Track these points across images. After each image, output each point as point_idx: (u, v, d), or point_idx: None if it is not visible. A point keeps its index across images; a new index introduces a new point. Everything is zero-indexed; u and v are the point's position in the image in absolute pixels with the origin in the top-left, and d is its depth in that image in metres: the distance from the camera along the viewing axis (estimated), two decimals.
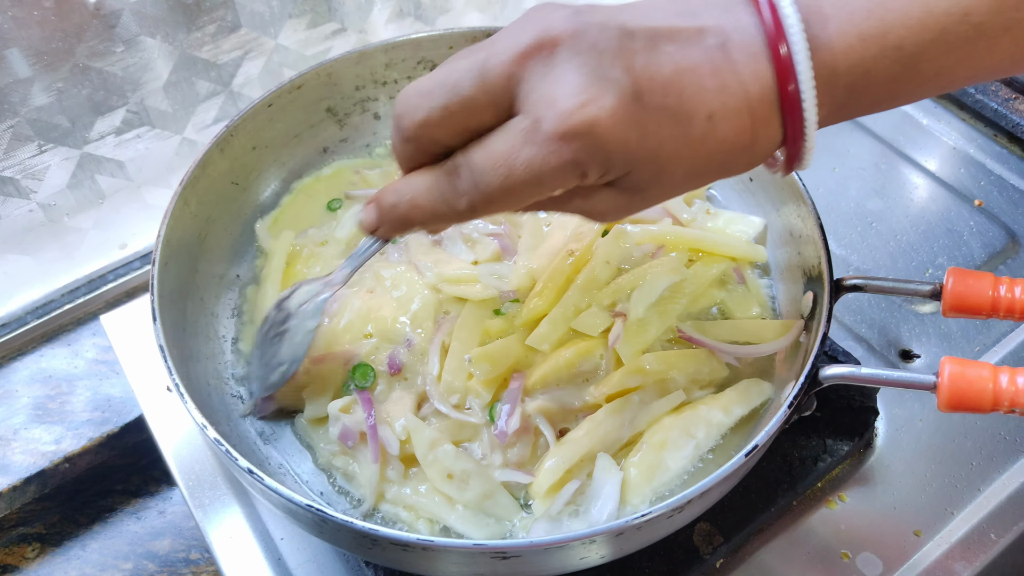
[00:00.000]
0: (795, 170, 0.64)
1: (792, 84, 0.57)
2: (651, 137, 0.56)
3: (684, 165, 0.59)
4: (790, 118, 0.58)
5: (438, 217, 0.61)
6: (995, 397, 0.67)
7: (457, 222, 0.62)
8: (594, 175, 0.58)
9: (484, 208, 0.59)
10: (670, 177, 0.59)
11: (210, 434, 0.69)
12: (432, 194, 0.60)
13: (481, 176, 0.57)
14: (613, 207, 0.63)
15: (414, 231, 0.65)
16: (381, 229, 0.65)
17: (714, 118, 0.57)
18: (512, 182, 0.57)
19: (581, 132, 0.54)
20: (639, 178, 0.59)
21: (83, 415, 1.06)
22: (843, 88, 0.59)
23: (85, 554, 1.07)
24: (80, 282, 1.14)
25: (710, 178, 0.62)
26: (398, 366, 0.84)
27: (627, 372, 0.81)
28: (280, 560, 0.86)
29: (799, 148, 0.61)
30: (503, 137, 0.57)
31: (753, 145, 0.60)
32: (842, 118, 0.63)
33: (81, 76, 0.99)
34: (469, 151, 0.58)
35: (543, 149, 0.55)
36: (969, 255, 1.11)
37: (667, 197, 0.63)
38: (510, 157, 0.56)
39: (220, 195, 0.94)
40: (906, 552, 0.86)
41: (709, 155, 0.59)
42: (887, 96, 0.61)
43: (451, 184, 0.59)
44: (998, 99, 1.23)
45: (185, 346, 0.83)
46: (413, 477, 0.80)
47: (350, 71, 1.01)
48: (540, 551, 0.66)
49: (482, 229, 0.93)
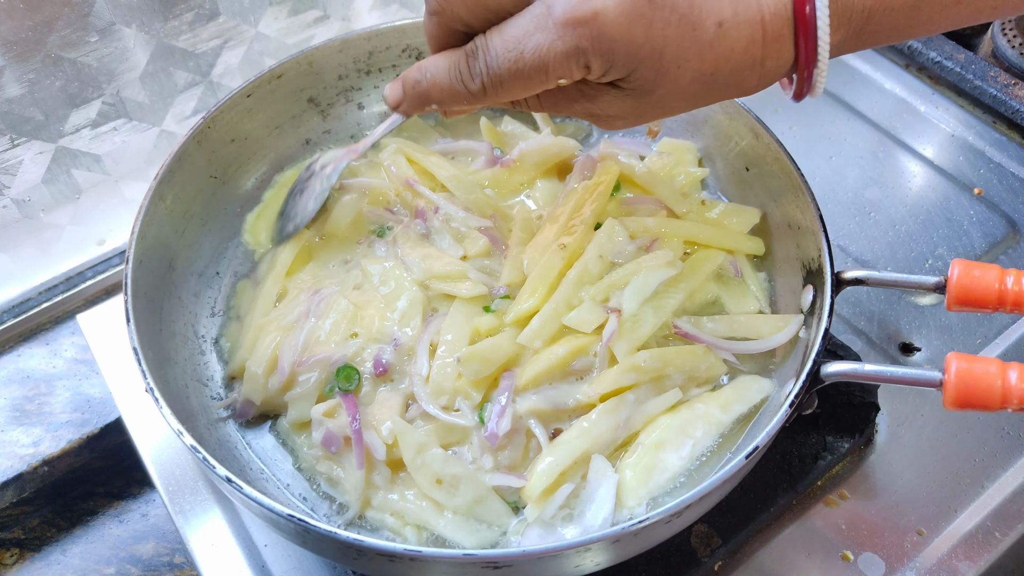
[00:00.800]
0: (807, 95, 0.63)
1: (808, 6, 0.58)
2: (657, 35, 0.58)
3: (690, 69, 0.60)
4: (804, 39, 0.59)
5: (454, 96, 0.65)
6: (1004, 394, 0.65)
7: (471, 104, 0.65)
8: (598, 67, 0.60)
9: (495, 90, 0.62)
10: (675, 81, 0.60)
11: (187, 440, 0.67)
12: (451, 73, 0.64)
13: (494, 58, 0.61)
14: (620, 110, 0.64)
15: (432, 109, 0.69)
16: (404, 104, 0.69)
17: (724, 25, 0.58)
18: (521, 66, 0.60)
19: (586, 20, 0.57)
20: (644, 77, 0.60)
21: (62, 416, 1.04)
22: (860, 12, 0.59)
23: (66, 559, 1.04)
24: (57, 280, 1.11)
25: (718, 93, 0.63)
26: (384, 367, 0.81)
27: (622, 370, 0.79)
28: (264, 567, 0.83)
29: (811, 72, 0.61)
30: (518, 22, 0.60)
31: (764, 61, 0.60)
32: (860, 46, 0.63)
33: (54, 67, 0.96)
34: (488, 34, 0.62)
35: (550, 35, 0.58)
36: (969, 245, 1.09)
37: (674, 107, 0.64)
38: (521, 41, 0.60)
39: (198, 189, 0.91)
40: (908, 551, 0.85)
41: (716, 62, 0.60)
42: (906, 23, 0.61)
43: (467, 64, 0.63)
44: (997, 85, 1.21)
45: (162, 347, 0.80)
46: (400, 482, 0.77)
47: (332, 60, 0.98)
48: (533, 560, 0.63)
49: (471, 223, 0.91)
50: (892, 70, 1.29)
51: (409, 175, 0.96)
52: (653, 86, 0.61)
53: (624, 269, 0.84)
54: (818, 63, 0.60)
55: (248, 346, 0.85)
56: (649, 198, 0.93)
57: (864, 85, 1.28)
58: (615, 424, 0.77)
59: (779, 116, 1.24)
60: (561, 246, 0.85)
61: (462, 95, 0.65)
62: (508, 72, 0.61)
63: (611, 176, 0.92)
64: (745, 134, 0.93)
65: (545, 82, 0.61)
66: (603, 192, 0.90)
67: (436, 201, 0.93)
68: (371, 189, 0.96)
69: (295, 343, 0.82)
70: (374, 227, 0.93)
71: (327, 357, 0.81)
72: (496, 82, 0.62)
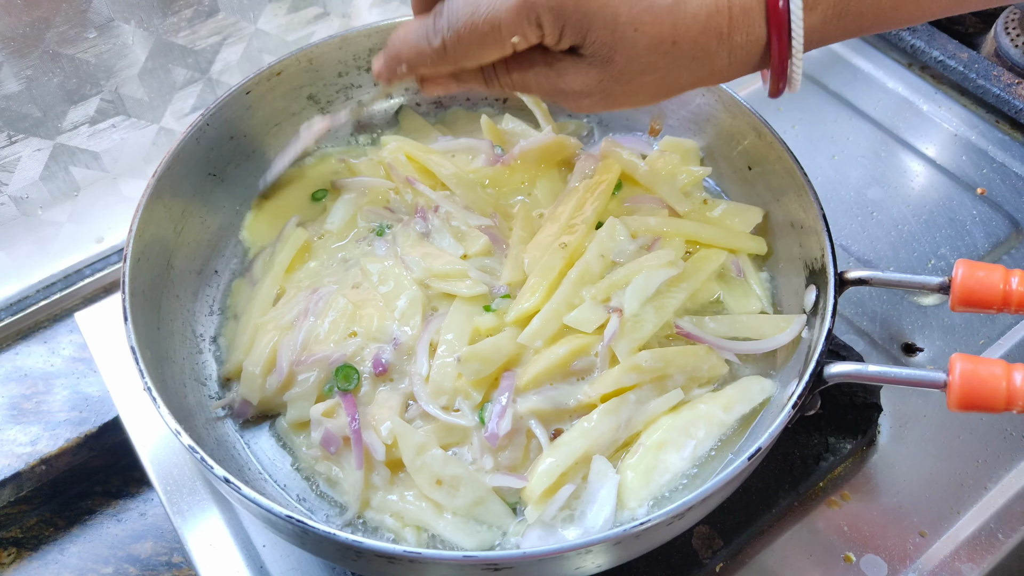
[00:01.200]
0: (784, 89, 0.62)
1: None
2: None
3: (647, 33, 0.59)
4: (773, 14, 0.57)
5: (420, 55, 0.66)
6: (1009, 396, 0.65)
7: (436, 64, 0.66)
8: (550, 24, 0.60)
9: (454, 48, 0.64)
10: (632, 45, 0.60)
11: (184, 440, 0.66)
12: (417, 32, 0.66)
13: (453, 14, 0.62)
14: (584, 84, 0.64)
15: (405, 75, 0.69)
16: (381, 68, 0.71)
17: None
18: (476, 20, 0.61)
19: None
20: (600, 40, 0.60)
21: (60, 415, 1.03)
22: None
23: (64, 558, 1.04)
24: (56, 277, 1.11)
25: (686, 68, 0.62)
26: (384, 366, 0.80)
27: (623, 370, 0.78)
28: (263, 568, 0.83)
29: (785, 54, 0.59)
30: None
31: (731, 35, 0.59)
32: (844, 31, 0.61)
33: (52, 63, 0.95)
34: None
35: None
36: (972, 245, 1.09)
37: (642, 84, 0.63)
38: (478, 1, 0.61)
39: (196, 187, 0.90)
40: (911, 553, 0.84)
41: (676, 28, 0.59)
42: (891, 5, 0.59)
43: (432, 23, 0.65)
44: (1000, 84, 1.20)
45: (160, 346, 0.80)
46: (400, 483, 0.76)
47: (332, 56, 0.98)
48: (534, 562, 0.63)
49: (472, 222, 0.90)
50: (895, 69, 1.28)
51: (409, 173, 0.95)
52: (611, 51, 0.60)
53: (625, 268, 0.84)
54: (792, 46, 0.59)
55: (245, 346, 0.85)
56: (651, 197, 0.93)
57: (866, 84, 1.27)
58: (616, 424, 0.77)
59: (781, 115, 1.24)
60: (562, 245, 0.85)
61: (426, 53, 0.66)
62: (465, 28, 0.62)
63: (612, 175, 0.91)
64: (748, 133, 0.92)
65: (500, 40, 0.62)
66: (604, 191, 0.90)
67: (436, 200, 0.92)
68: (370, 188, 0.95)
69: (294, 342, 0.82)
70: (374, 226, 0.93)
71: (326, 356, 0.80)
72: (455, 40, 0.63)
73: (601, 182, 0.90)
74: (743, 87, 1.28)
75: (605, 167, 0.92)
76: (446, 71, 0.68)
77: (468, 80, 0.70)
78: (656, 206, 0.92)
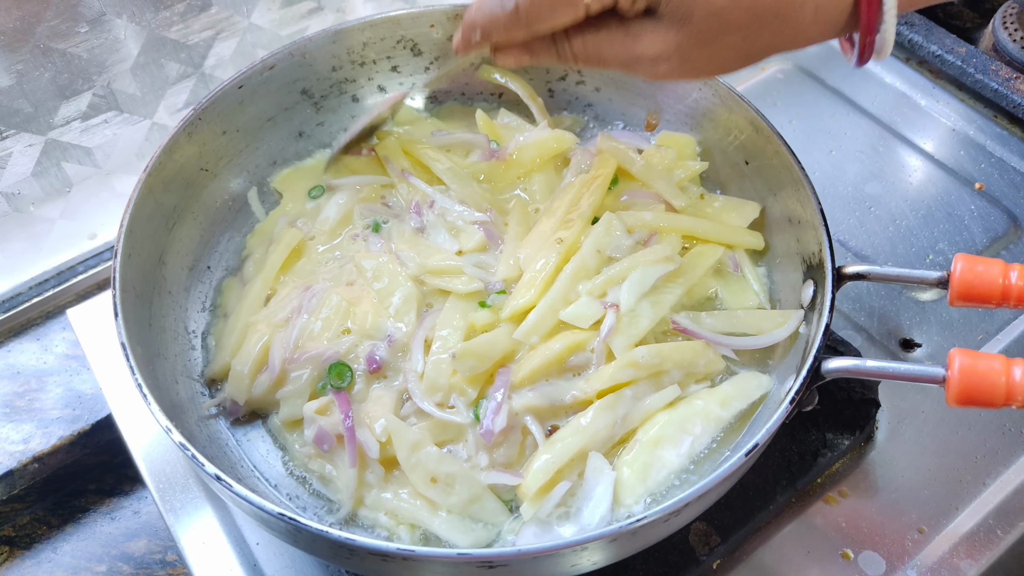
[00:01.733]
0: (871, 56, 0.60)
1: None
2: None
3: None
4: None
5: (494, 20, 0.67)
6: (1008, 391, 0.64)
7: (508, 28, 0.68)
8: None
9: (527, 11, 0.64)
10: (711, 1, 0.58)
11: (175, 437, 0.65)
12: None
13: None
14: (662, 48, 0.62)
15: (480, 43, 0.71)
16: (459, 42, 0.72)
17: None
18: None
19: None
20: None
21: (53, 412, 1.03)
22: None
23: (57, 557, 1.03)
24: (48, 274, 1.10)
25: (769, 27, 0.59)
26: (378, 363, 0.80)
27: (620, 366, 0.78)
28: (256, 566, 0.82)
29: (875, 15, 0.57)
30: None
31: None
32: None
33: (43, 58, 0.94)
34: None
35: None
36: (970, 240, 1.08)
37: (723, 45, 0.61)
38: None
39: (188, 182, 0.89)
40: (909, 550, 0.84)
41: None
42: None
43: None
44: (998, 79, 1.20)
45: (151, 343, 0.79)
46: (394, 480, 0.76)
47: (326, 51, 0.97)
48: (529, 559, 0.62)
49: (467, 217, 0.89)
50: (892, 64, 1.27)
51: (404, 167, 0.94)
52: (689, 8, 0.59)
53: (622, 264, 0.83)
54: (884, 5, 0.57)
55: (233, 347, 0.84)
56: (647, 192, 0.92)
57: (864, 79, 1.26)
58: (612, 421, 0.76)
59: (778, 110, 1.23)
60: (558, 240, 0.84)
61: (499, 19, 0.67)
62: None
63: (608, 169, 0.91)
64: (745, 127, 0.91)
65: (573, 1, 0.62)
66: (600, 186, 0.89)
67: (431, 195, 0.91)
68: (365, 184, 0.94)
69: (287, 340, 0.81)
70: (368, 222, 0.92)
71: (319, 354, 0.80)
72: (528, 2, 0.63)
73: (597, 177, 0.90)
74: (741, 81, 1.27)
75: (601, 162, 0.91)
76: (520, 36, 0.68)
77: (540, 52, 0.70)
78: (653, 201, 0.91)
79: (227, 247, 0.93)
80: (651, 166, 0.93)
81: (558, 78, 1.04)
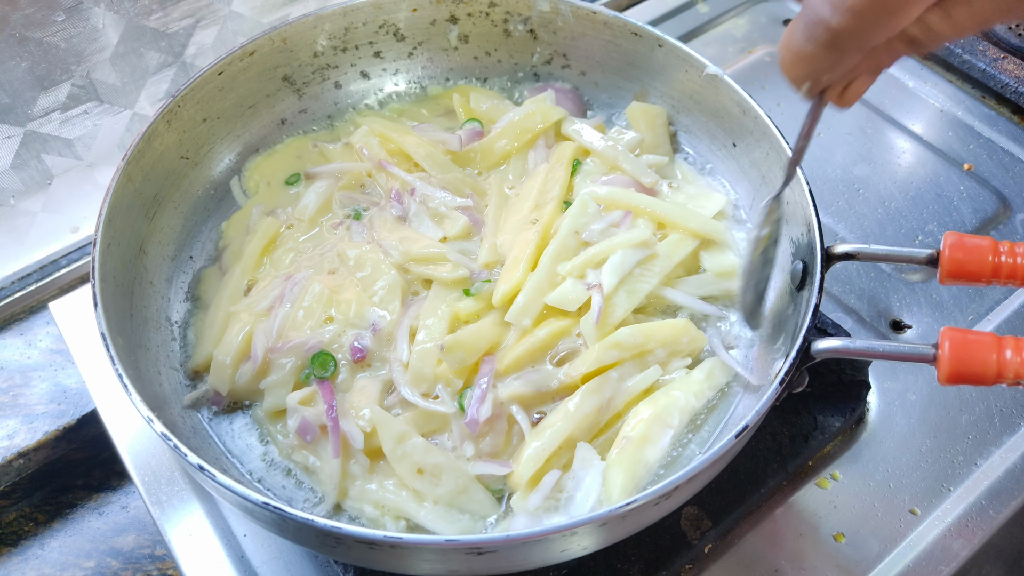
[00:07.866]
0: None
1: None
2: None
3: None
4: None
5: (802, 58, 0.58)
6: (999, 368, 0.63)
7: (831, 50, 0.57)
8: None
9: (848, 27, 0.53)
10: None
11: (157, 428, 0.64)
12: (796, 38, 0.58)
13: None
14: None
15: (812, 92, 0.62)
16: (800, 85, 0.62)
17: None
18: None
19: None
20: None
21: (38, 408, 1.01)
22: None
23: (44, 553, 1.02)
24: (31, 268, 1.08)
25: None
26: (362, 352, 0.79)
27: (604, 347, 0.77)
28: (243, 558, 0.81)
29: None
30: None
31: None
32: None
33: (19, 47, 0.93)
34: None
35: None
36: (960, 221, 1.08)
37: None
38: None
39: (168, 171, 0.88)
40: (902, 531, 0.83)
41: None
42: None
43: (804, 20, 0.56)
44: (986, 59, 1.19)
45: (133, 333, 0.78)
46: (379, 471, 0.75)
47: (307, 36, 0.96)
48: (518, 545, 0.62)
49: (449, 203, 0.89)
50: None
51: (382, 156, 0.93)
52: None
53: (601, 246, 0.83)
54: None
55: (214, 338, 0.83)
56: (623, 178, 0.92)
57: None
58: (599, 404, 0.75)
59: (766, 92, 1.22)
60: (533, 222, 0.84)
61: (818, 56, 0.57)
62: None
63: (569, 152, 0.92)
64: (733, 110, 0.90)
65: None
66: (565, 168, 0.90)
67: (412, 182, 0.90)
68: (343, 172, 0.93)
69: (269, 329, 0.80)
70: (348, 211, 0.91)
71: (302, 343, 0.79)
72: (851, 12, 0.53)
73: (559, 161, 0.91)
74: (728, 64, 1.26)
75: (561, 147, 0.93)
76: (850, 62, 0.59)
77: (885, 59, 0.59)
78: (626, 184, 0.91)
79: (209, 236, 0.92)
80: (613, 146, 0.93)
81: (544, 62, 1.03)
